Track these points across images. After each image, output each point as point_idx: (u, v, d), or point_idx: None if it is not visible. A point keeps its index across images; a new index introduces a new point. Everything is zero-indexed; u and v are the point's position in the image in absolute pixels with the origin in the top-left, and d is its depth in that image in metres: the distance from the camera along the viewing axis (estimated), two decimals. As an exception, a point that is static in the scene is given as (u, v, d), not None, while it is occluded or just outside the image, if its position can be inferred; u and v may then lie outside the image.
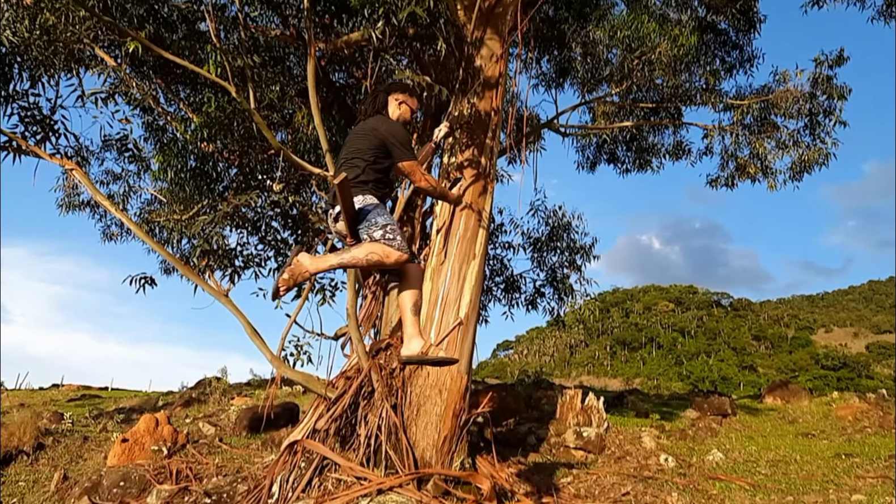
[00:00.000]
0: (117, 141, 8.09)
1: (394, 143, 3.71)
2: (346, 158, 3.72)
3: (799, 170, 13.13)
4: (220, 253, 7.14)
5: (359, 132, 3.82)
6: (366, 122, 3.87)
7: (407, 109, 4.03)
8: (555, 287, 13.82)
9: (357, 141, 3.77)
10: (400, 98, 4.01)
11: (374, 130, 3.75)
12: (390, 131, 3.75)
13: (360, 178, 3.64)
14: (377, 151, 3.71)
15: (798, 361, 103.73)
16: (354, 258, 3.51)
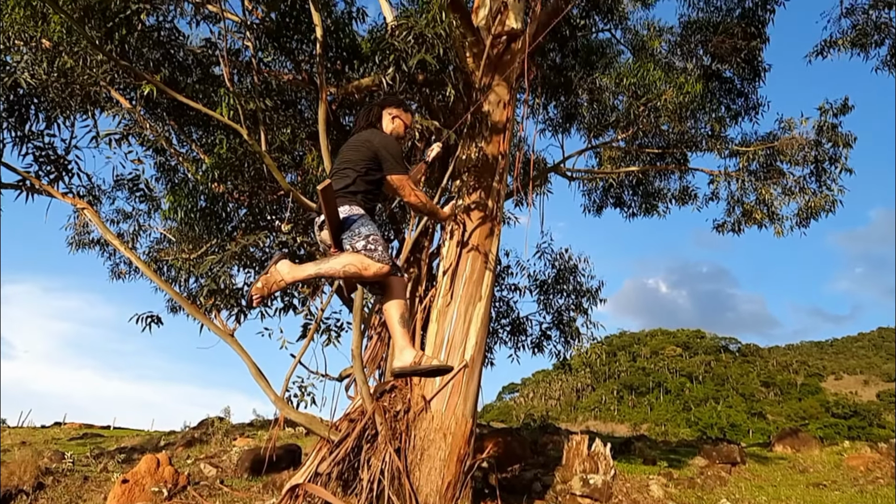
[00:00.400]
0: (129, 181, 8.21)
1: (385, 155, 3.66)
2: (338, 168, 3.68)
3: (805, 216, 13.16)
4: (227, 292, 7.17)
5: (351, 144, 3.79)
6: (359, 134, 3.84)
7: (401, 124, 4.01)
8: (561, 330, 13.75)
9: (349, 152, 3.73)
10: (394, 113, 3.99)
11: (367, 142, 3.71)
12: (383, 143, 3.71)
13: (349, 189, 3.60)
14: (369, 163, 3.66)
15: (808, 409, 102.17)
16: (332, 268, 3.43)
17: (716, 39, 12.10)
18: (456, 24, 7.07)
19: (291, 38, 7.80)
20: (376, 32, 8.39)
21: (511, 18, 8.52)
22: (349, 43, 8.07)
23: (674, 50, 13.14)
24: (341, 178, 3.61)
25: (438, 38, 6.48)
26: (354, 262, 3.41)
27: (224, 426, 17.31)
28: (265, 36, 7.68)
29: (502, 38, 8.23)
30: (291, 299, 8.20)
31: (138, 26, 6.66)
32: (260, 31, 7.57)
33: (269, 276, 3.39)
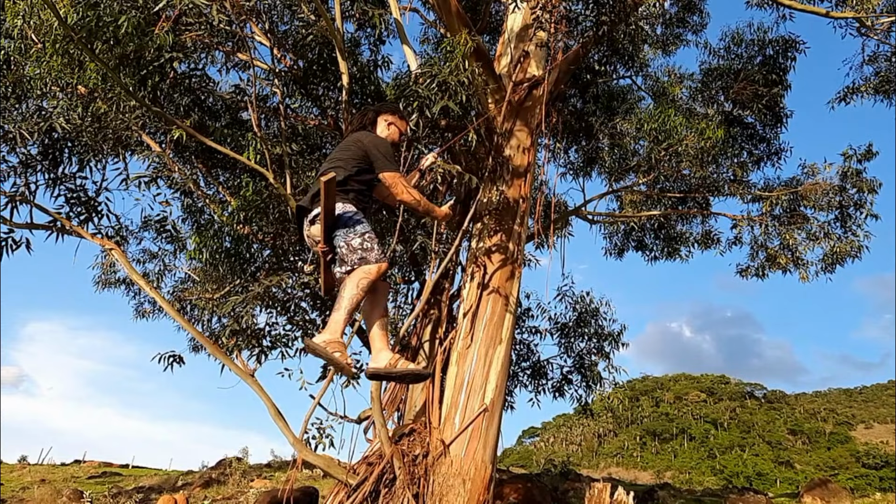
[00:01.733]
0: (157, 222, 8.40)
1: (376, 153, 3.63)
2: (328, 168, 3.57)
3: (831, 261, 13.01)
4: (248, 332, 7.23)
5: (342, 145, 3.77)
6: (351, 135, 3.81)
7: (395, 131, 3.99)
8: (582, 374, 13.59)
9: (339, 152, 3.70)
10: (389, 119, 3.97)
11: (358, 142, 3.68)
12: (374, 143, 3.68)
13: (343, 187, 3.54)
14: (360, 163, 3.63)
15: (837, 458, 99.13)
16: (352, 297, 3.34)
17: (737, 86, 12.18)
18: (478, 71, 7.22)
19: (318, 85, 8.01)
20: (401, 79, 8.58)
21: (532, 66, 8.69)
22: (374, 90, 8.26)
23: (695, 96, 13.24)
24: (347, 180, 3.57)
25: (461, 86, 6.61)
26: (363, 275, 3.37)
27: (242, 467, 17.24)
28: (293, 83, 7.89)
29: (524, 85, 8.37)
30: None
31: (170, 74, 6.89)
32: (288, 78, 7.79)
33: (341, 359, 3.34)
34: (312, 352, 3.39)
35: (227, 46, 7.64)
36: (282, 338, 7.92)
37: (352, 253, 3.43)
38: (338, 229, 3.46)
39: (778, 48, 12.14)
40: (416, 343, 8.74)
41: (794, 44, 12.11)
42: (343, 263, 3.47)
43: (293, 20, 8.07)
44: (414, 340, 8.78)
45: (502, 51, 9.03)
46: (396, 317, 9.63)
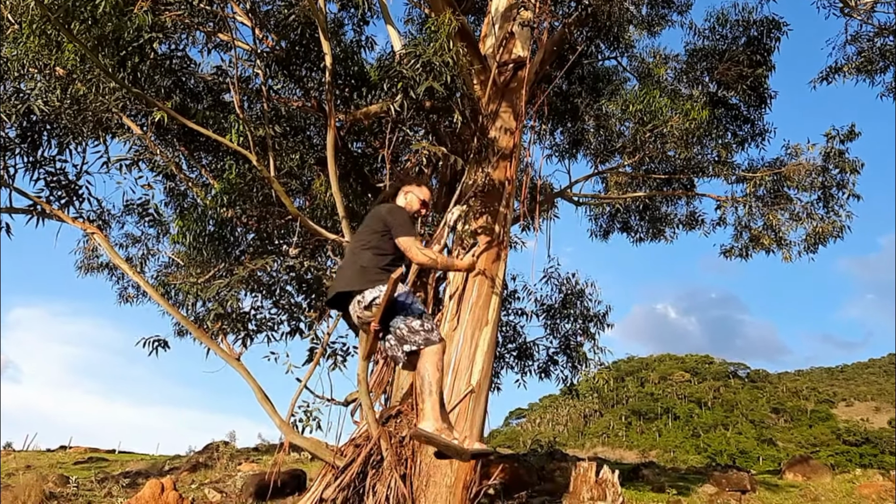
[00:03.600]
0: (139, 206, 8.30)
1: (391, 221, 3.85)
2: (361, 248, 3.87)
3: (813, 241, 13.12)
4: (234, 316, 7.19)
5: (367, 221, 4.02)
6: (375, 208, 4.10)
7: (414, 199, 4.21)
8: (568, 355, 13.68)
9: (364, 229, 3.97)
10: (407, 189, 4.24)
11: (377, 214, 3.95)
12: (391, 212, 3.93)
13: (386, 267, 3.76)
14: (382, 235, 3.85)
15: (819, 436, 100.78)
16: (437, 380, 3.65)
17: (721, 67, 12.18)
18: (463, 52, 7.16)
19: (301, 66, 7.92)
20: (384, 60, 8.52)
21: (517, 47, 8.63)
22: (358, 71, 8.18)
23: (680, 77, 13.24)
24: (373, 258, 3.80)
25: (446, 66, 6.55)
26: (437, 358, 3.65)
27: (229, 451, 17.24)
28: (275, 64, 7.80)
29: (509, 66, 8.32)
30: (298, 323, 8.22)
31: (150, 55, 6.78)
32: (270, 59, 7.69)
33: (456, 443, 3.56)
34: (426, 441, 3.68)
35: (207, 27, 7.52)
36: (267, 321, 7.89)
37: (414, 334, 3.69)
38: (395, 312, 3.71)
39: (762, 29, 12.13)
40: (403, 326, 8.74)
41: (777, 25, 12.10)
42: (404, 342, 3.71)
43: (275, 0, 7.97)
44: (400, 323, 8.78)
45: (487, 31, 8.97)
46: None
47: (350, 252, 3.99)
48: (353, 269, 3.80)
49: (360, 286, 3.73)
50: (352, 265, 3.84)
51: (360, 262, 3.79)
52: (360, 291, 3.72)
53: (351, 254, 3.96)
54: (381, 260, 3.80)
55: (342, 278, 3.89)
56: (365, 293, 3.70)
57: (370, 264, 3.76)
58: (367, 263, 3.77)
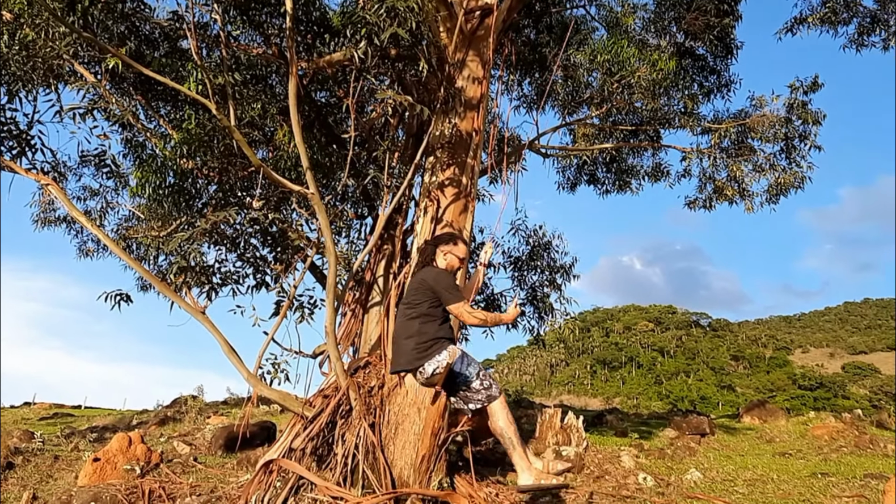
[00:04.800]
0: (95, 157, 8.04)
1: (440, 290, 4.21)
2: (412, 316, 4.25)
3: (775, 192, 13.35)
4: (197, 270, 7.08)
5: (413, 286, 4.40)
6: (418, 273, 4.46)
7: (453, 258, 4.55)
8: (535, 306, 13.85)
9: (413, 296, 4.32)
10: (445, 249, 4.56)
11: (423, 282, 4.31)
12: (436, 280, 4.28)
13: (438, 336, 4.19)
14: (432, 301, 4.23)
15: (776, 381, 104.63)
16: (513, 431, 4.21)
17: (689, 16, 12.11)
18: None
19: (260, 11, 7.65)
20: (347, 6, 8.26)
21: (484, -8, 8.44)
22: (320, 16, 7.94)
23: (647, 27, 13.14)
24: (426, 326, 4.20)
25: (411, 12, 6.39)
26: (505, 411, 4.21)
27: (197, 404, 17.24)
28: (234, 9, 7.52)
29: (476, 13, 8.15)
30: (263, 277, 8.14)
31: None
32: (228, 4, 7.40)
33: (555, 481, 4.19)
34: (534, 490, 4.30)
35: (162, -32, 7.20)
36: (232, 275, 7.79)
37: (476, 394, 4.20)
38: (455, 377, 4.21)
39: (730, -24, 12.07)
40: (370, 278, 8.72)
41: (745, -28, 12.04)
42: (468, 401, 4.26)
43: (233, -60, 7.63)
44: (368, 275, 8.76)
45: (453, -24, 8.74)
46: (349, 252, 9.56)
47: (401, 321, 4.35)
48: (409, 346, 4.20)
49: (419, 364, 4.15)
50: (406, 340, 4.23)
51: (414, 338, 4.19)
52: (421, 366, 4.15)
53: (402, 323, 4.32)
54: (431, 327, 4.20)
55: (402, 355, 4.26)
56: (425, 367, 4.13)
57: (423, 337, 4.17)
58: (420, 337, 4.17)
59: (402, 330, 4.29)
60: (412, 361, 4.18)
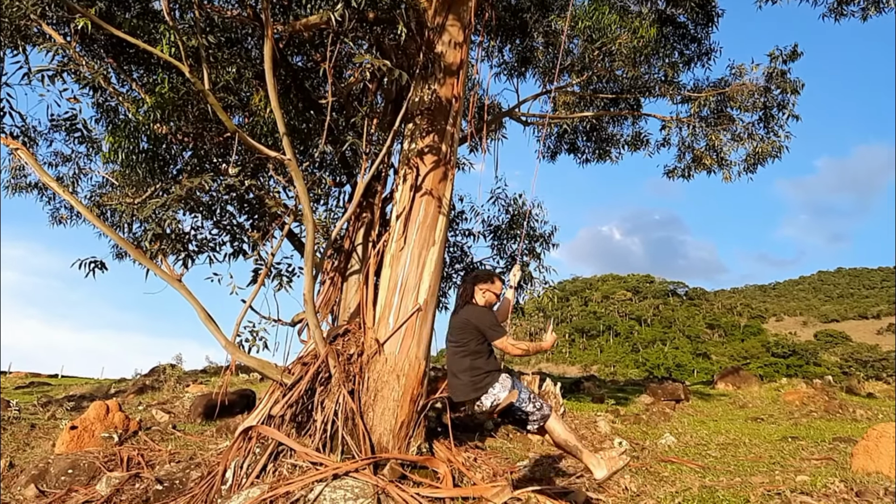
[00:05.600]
0: (66, 120, 7.83)
1: (484, 329, 4.71)
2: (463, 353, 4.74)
3: (753, 162, 13.44)
4: (172, 237, 6.98)
5: (458, 326, 4.83)
6: (460, 314, 4.88)
7: (491, 295, 5.00)
8: (514, 275, 13.89)
9: (460, 334, 4.78)
10: (484, 287, 5.00)
11: (468, 322, 4.77)
12: (479, 319, 4.76)
13: (488, 370, 4.69)
14: (479, 339, 4.71)
15: (750, 349, 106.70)
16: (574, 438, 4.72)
17: (671, -17, 12.02)
18: (407, -41, 6.84)
19: (235, -29, 7.46)
20: (325, -33, 8.05)
21: (465, -45, 8.28)
22: (297, -22, 7.75)
23: (629, -7, 13.02)
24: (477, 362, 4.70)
25: (389, -26, 6.26)
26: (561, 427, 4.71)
27: (176, 373, 17.20)
28: (207, -32, 7.31)
29: (456, -24, 8.00)
30: (241, 244, 8.06)
31: (68, -46, 6.24)
32: (201, -37, 7.20)
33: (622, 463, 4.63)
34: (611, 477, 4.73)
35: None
36: (209, 242, 7.69)
37: (531, 416, 4.66)
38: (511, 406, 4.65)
39: (713, -56, 11.97)
40: (349, 246, 8.67)
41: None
42: (525, 423, 4.72)
43: None
44: (347, 244, 8.70)
45: (433, -62, 8.55)
46: (328, 220, 9.48)
47: (452, 358, 4.85)
48: (464, 380, 4.72)
49: (476, 395, 4.66)
50: (462, 374, 4.75)
51: (467, 374, 4.71)
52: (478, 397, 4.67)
53: (454, 360, 4.81)
54: (481, 362, 4.70)
55: (459, 388, 4.80)
56: (483, 401, 4.66)
57: (476, 372, 4.68)
58: (473, 372, 4.68)
59: (455, 366, 4.80)
60: (468, 394, 4.71)
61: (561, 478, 7.13)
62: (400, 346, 7.12)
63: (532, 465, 7.84)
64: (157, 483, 6.52)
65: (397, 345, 7.13)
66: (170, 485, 6.53)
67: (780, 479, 6.68)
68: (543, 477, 7.20)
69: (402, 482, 6.19)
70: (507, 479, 6.85)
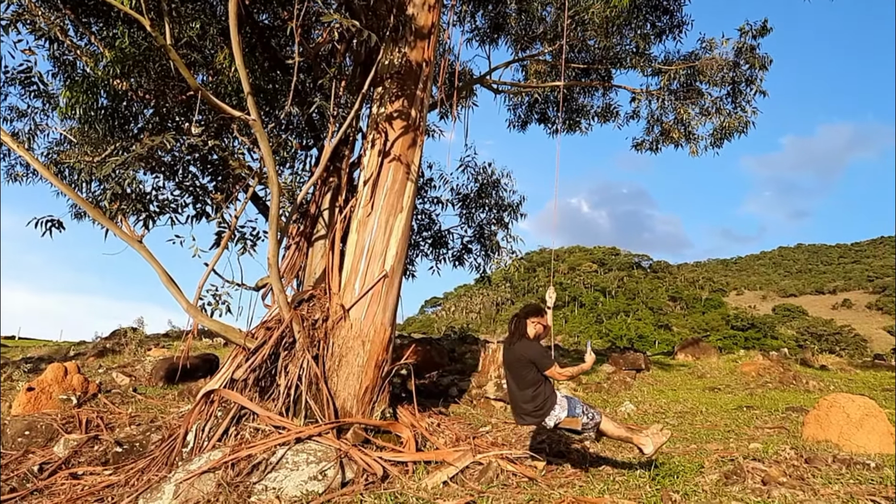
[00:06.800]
0: (20, 72, 7.52)
1: (537, 360, 5.41)
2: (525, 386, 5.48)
3: (720, 136, 13.57)
4: (133, 197, 6.80)
5: (516, 361, 5.53)
6: (515, 349, 5.57)
7: (540, 326, 5.69)
8: (482, 243, 13.93)
9: (520, 369, 5.49)
10: (535, 321, 5.68)
11: (524, 357, 5.46)
12: (531, 353, 5.46)
13: (547, 395, 5.43)
14: (534, 369, 5.41)
15: (710, 321, 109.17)
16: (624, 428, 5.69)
17: (645, -48, 11.94)
18: (379, -84, 6.65)
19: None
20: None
21: (438, -86, 8.09)
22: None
23: (603, -39, 12.91)
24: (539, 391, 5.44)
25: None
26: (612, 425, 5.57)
27: (138, 336, 16.92)
28: (170, -83, 7.01)
29: (428, -65, 7.83)
30: (203, 206, 7.90)
31: None
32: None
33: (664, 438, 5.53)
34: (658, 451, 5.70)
35: None
36: (170, 203, 7.52)
37: (587, 425, 5.41)
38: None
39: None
40: (315, 211, 8.56)
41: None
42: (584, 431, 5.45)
43: None
44: (313, 208, 8.59)
45: None
46: (294, 183, 9.34)
47: (514, 388, 5.58)
48: (529, 408, 5.46)
49: (540, 419, 5.45)
50: (525, 404, 5.48)
51: (530, 403, 5.45)
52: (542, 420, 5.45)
53: (517, 391, 5.55)
54: (539, 389, 5.42)
55: (524, 413, 5.53)
56: (547, 421, 5.44)
57: (538, 399, 5.42)
58: (535, 400, 5.42)
59: (519, 398, 5.53)
60: (534, 418, 5.49)
61: (522, 443, 7.24)
62: (366, 313, 7.10)
63: (494, 430, 7.94)
64: (117, 445, 6.45)
65: (363, 311, 7.11)
66: (130, 447, 6.47)
67: (734, 446, 6.87)
68: (505, 442, 7.30)
69: (366, 446, 6.22)
70: (469, 443, 6.93)
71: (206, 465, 5.32)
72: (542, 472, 5.95)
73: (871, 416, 6.52)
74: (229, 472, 5.27)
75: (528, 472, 5.87)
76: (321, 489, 5.22)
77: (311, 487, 5.20)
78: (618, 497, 4.80)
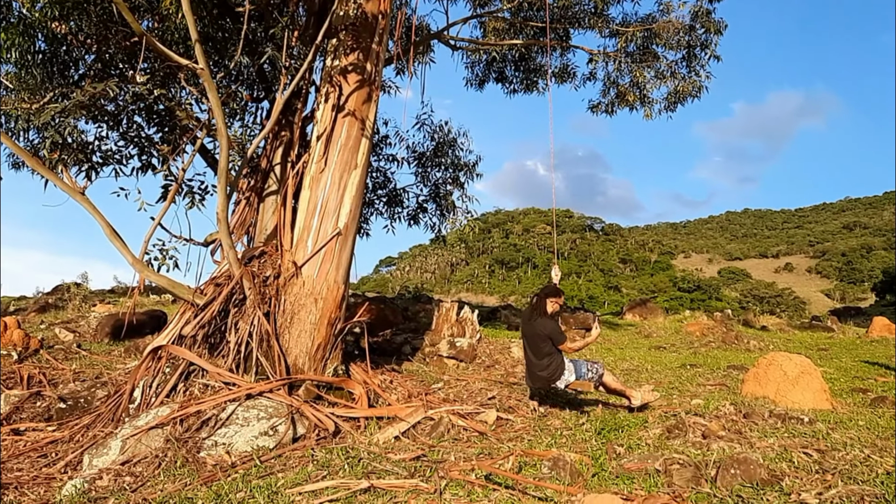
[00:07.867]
0: (-52, 11, 7.06)
1: (553, 337, 6.45)
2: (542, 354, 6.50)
3: (674, 100, 13.71)
4: (74, 146, 6.52)
5: (535, 335, 6.54)
6: (535, 324, 6.56)
7: (556, 305, 6.69)
8: (437, 203, 13.90)
9: (539, 342, 6.50)
10: (553, 300, 6.67)
11: (542, 332, 6.47)
12: (548, 330, 6.47)
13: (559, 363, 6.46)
14: (549, 342, 6.44)
15: (658, 283, 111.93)
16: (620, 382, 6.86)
17: None
18: None
19: None
20: None
21: None
22: None
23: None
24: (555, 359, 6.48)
25: None
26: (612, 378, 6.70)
27: (82, 292, 16.47)
28: None
29: None
30: (150, 158, 7.63)
31: None
32: None
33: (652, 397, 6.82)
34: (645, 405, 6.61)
35: None
36: (114, 154, 7.24)
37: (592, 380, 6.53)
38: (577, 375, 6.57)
39: None
40: (267, 166, 8.38)
41: None
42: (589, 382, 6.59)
43: None
44: (264, 163, 8.40)
45: None
46: (244, 137, 9.09)
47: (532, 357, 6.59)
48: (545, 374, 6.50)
49: (553, 381, 6.52)
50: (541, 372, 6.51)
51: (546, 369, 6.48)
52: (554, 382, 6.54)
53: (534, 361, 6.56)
54: (553, 359, 6.45)
55: (539, 378, 6.58)
56: (558, 384, 6.53)
57: (552, 366, 6.45)
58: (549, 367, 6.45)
59: (535, 366, 6.53)
60: (547, 382, 6.55)
61: (473, 399, 7.34)
62: (318, 270, 7.03)
63: (446, 387, 8.03)
64: (61, 401, 6.31)
65: (315, 268, 7.04)
66: (74, 403, 6.34)
67: (677, 402, 7.10)
68: (457, 398, 7.40)
69: (318, 402, 6.23)
70: (421, 399, 7.00)
71: (154, 420, 5.25)
72: (493, 427, 6.06)
73: (806, 374, 6.80)
74: (178, 427, 5.21)
75: (479, 426, 5.96)
76: (272, 444, 5.21)
77: (261, 443, 5.19)
78: (565, 450, 4.92)
